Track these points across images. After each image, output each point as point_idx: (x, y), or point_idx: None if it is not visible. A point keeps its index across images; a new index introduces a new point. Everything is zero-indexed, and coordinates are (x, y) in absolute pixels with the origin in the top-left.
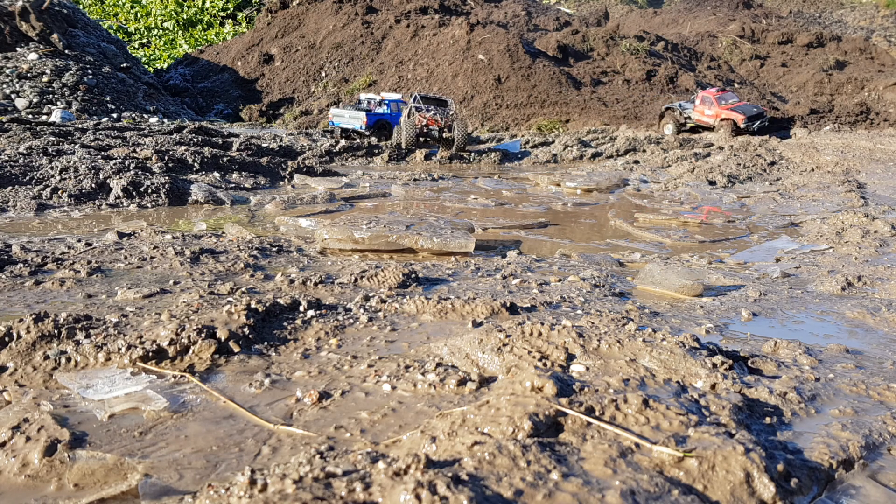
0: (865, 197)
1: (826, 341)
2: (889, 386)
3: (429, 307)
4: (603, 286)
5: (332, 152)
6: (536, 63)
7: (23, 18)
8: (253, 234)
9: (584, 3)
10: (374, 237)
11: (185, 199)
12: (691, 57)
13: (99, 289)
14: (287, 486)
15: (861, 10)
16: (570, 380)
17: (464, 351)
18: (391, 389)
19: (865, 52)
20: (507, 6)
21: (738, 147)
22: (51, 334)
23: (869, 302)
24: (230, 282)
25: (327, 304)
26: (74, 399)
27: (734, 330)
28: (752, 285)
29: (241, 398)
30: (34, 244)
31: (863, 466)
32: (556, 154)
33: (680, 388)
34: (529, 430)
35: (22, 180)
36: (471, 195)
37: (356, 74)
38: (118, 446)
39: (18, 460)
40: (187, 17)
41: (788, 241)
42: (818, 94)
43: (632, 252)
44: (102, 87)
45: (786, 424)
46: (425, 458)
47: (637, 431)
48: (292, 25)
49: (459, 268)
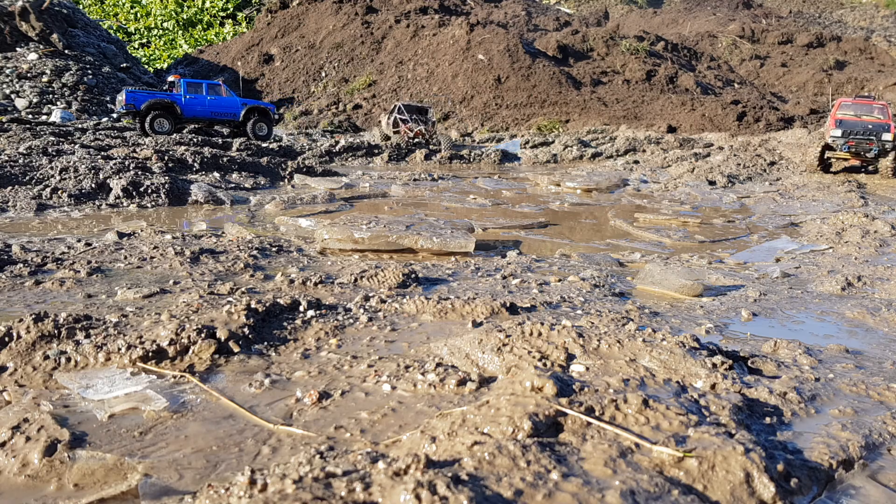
0: (865, 197)
1: (826, 341)
2: (889, 386)
3: (429, 307)
4: (603, 286)
5: (331, 152)
6: (536, 63)
7: (23, 18)
8: (253, 234)
9: (584, 3)
10: (374, 237)
11: (185, 199)
12: (691, 57)
13: (99, 289)
14: (287, 486)
15: (861, 10)
16: (570, 380)
17: (464, 351)
18: (391, 389)
19: (865, 52)
20: (507, 6)
21: (738, 147)
22: (51, 334)
23: (869, 302)
24: (230, 282)
25: (327, 304)
26: (74, 399)
27: (734, 330)
28: (752, 285)
29: (241, 398)
30: (34, 244)
31: (863, 466)
32: (556, 154)
33: (680, 388)
34: (529, 430)
35: (22, 180)
36: (470, 195)
37: (356, 74)
38: (118, 446)
39: (18, 460)
40: (187, 17)
41: (788, 241)
42: (818, 94)
43: (632, 252)
44: (102, 87)
45: (786, 424)
46: (425, 458)
47: (637, 431)
48: (292, 25)
49: (459, 268)
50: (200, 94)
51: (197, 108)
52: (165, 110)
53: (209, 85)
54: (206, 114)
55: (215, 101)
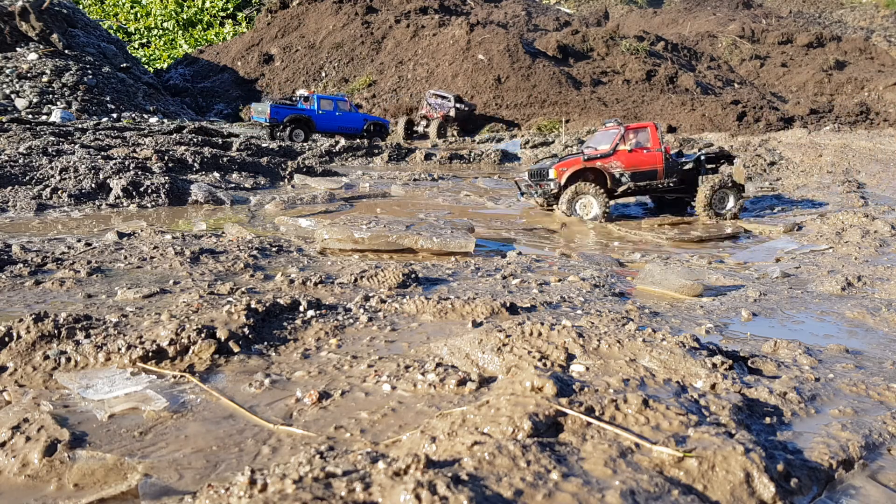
0: (865, 197)
1: (826, 341)
2: (889, 386)
3: (429, 307)
4: (603, 286)
5: (331, 152)
6: (536, 63)
7: (23, 18)
8: (253, 234)
9: (584, 3)
10: (374, 237)
11: (185, 199)
12: (691, 57)
13: (99, 289)
14: (287, 486)
15: (861, 10)
16: (570, 380)
17: (464, 351)
18: (391, 389)
19: (865, 52)
20: (507, 6)
21: (738, 147)
22: (51, 334)
23: (869, 302)
24: (230, 282)
25: (327, 304)
26: (74, 399)
27: (734, 330)
28: (752, 285)
29: (241, 398)
30: (34, 244)
31: (863, 466)
32: (557, 154)
33: (680, 388)
34: (529, 430)
35: (22, 180)
36: (470, 195)
37: (356, 74)
38: (118, 446)
39: (18, 460)
40: (187, 17)
41: (788, 241)
42: (818, 94)
43: (632, 252)
44: (102, 87)
45: (786, 424)
46: (425, 458)
47: (637, 431)
48: (292, 25)
49: (459, 268)
50: (331, 109)
51: (328, 121)
52: (302, 123)
53: (337, 101)
54: (334, 127)
55: (343, 116)
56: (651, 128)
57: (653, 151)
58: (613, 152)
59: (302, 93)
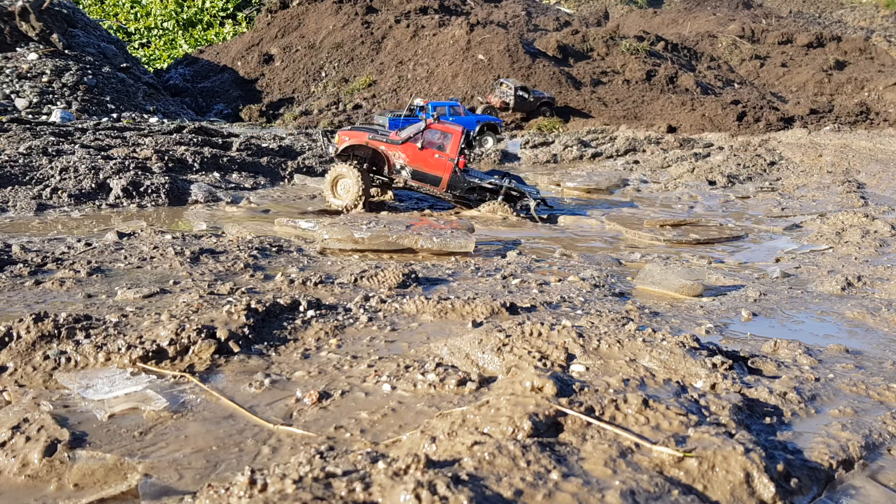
0: (865, 197)
1: (826, 341)
2: (889, 386)
3: (429, 307)
4: (603, 286)
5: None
6: (536, 63)
7: (23, 18)
8: (253, 234)
9: (584, 3)
10: (374, 237)
11: (184, 199)
12: (691, 57)
13: (99, 289)
14: (287, 486)
15: (861, 10)
16: (570, 380)
17: (464, 351)
18: (391, 389)
19: (865, 52)
20: (507, 6)
21: (738, 147)
22: (51, 334)
23: (869, 302)
24: (230, 282)
25: (327, 304)
26: (74, 399)
27: (734, 330)
28: (752, 285)
29: (241, 398)
30: (34, 244)
31: (863, 466)
32: (556, 154)
33: (680, 389)
34: (529, 430)
35: (22, 180)
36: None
37: (356, 74)
38: (118, 446)
39: (18, 460)
40: (187, 17)
41: (788, 241)
42: (818, 94)
43: (632, 252)
44: (102, 87)
45: (786, 424)
46: (425, 458)
47: (637, 431)
48: (292, 25)
49: (459, 268)
50: (445, 115)
51: None
52: None
53: (451, 106)
54: None
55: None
56: (455, 135)
57: (444, 159)
58: (402, 143)
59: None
